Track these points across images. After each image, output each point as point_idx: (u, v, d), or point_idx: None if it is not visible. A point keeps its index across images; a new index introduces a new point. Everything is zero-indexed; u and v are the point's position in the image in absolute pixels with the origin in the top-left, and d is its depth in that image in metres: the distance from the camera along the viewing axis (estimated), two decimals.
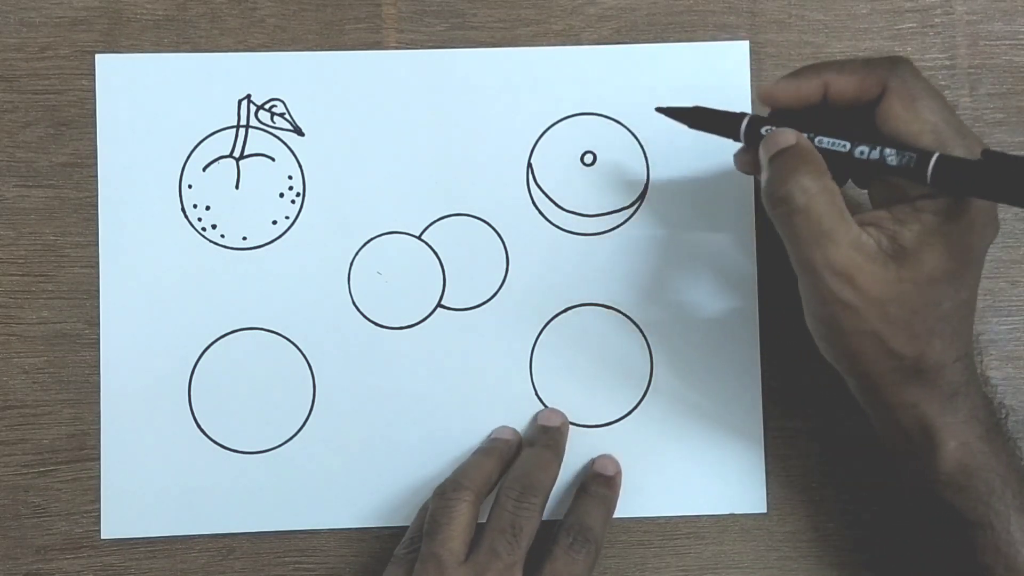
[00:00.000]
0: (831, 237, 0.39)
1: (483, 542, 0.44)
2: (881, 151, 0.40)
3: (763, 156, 0.42)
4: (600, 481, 0.49)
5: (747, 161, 0.45)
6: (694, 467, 0.51)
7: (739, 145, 0.45)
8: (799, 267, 0.41)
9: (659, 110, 0.47)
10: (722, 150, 0.47)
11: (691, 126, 0.46)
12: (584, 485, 0.49)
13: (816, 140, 0.42)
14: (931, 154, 0.39)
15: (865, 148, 0.41)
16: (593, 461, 0.50)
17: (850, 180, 0.46)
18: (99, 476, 0.50)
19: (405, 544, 0.46)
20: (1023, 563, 0.41)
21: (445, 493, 0.45)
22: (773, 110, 0.44)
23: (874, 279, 0.39)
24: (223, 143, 0.51)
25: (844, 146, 0.41)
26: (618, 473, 0.50)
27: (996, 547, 0.41)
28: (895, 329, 0.40)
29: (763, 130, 0.43)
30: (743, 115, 0.44)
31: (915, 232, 0.40)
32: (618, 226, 0.51)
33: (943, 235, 0.39)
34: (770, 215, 0.41)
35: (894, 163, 0.40)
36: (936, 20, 0.52)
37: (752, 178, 0.50)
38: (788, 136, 0.41)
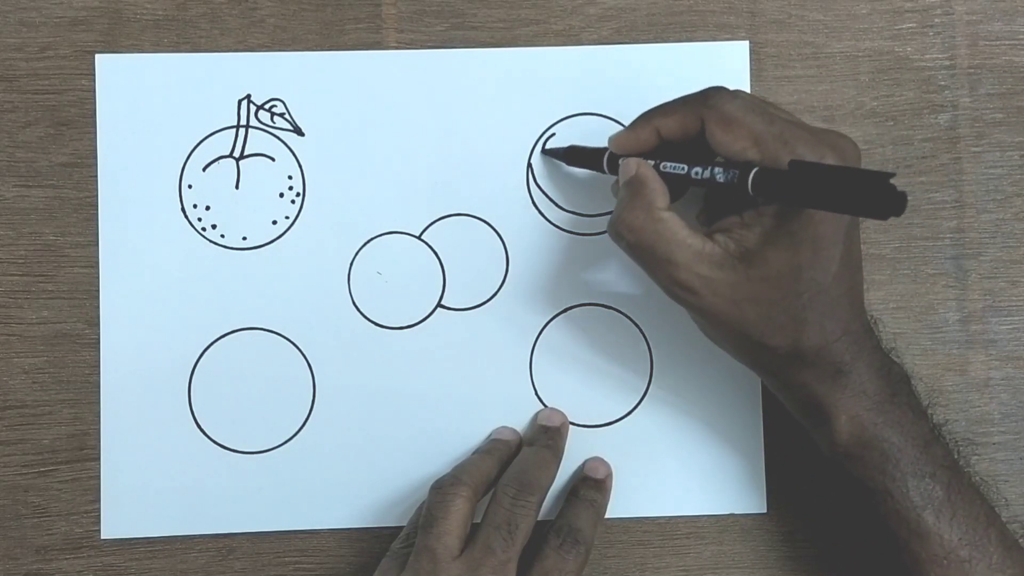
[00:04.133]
0: (668, 260, 0.43)
1: (478, 538, 0.44)
2: (712, 170, 0.43)
3: (620, 186, 0.45)
4: (590, 484, 0.49)
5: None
6: (694, 467, 0.51)
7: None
8: (657, 285, 0.44)
9: (544, 152, 0.51)
10: None
11: (568, 163, 0.50)
12: (574, 488, 0.49)
13: (661, 166, 0.44)
14: (750, 169, 0.41)
15: (699, 169, 0.43)
16: (584, 464, 0.50)
17: None
18: (99, 476, 0.50)
19: (401, 539, 0.46)
20: (926, 526, 0.43)
21: (442, 488, 0.45)
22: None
23: (721, 284, 0.42)
24: (223, 143, 0.51)
25: (682, 168, 0.44)
26: (608, 476, 0.50)
27: (897, 512, 0.43)
28: (758, 325, 0.42)
29: (619, 161, 0.46)
30: (605, 150, 0.47)
31: (757, 234, 0.42)
32: None
33: (785, 232, 0.41)
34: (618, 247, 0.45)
35: (722, 180, 0.42)
36: (936, 20, 0.52)
37: None
38: (631, 166, 0.45)
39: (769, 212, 0.42)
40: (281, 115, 0.51)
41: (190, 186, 0.51)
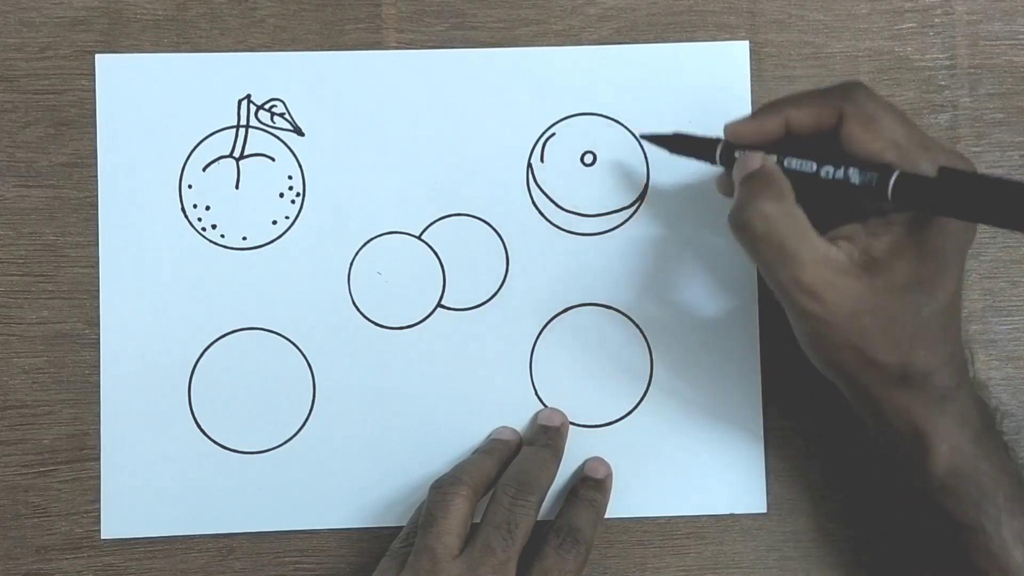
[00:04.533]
0: (795, 258, 0.40)
1: (478, 537, 0.44)
2: (846, 170, 0.41)
3: (735, 180, 0.43)
4: (590, 484, 0.49)
5: (727, 184, 0.46)
6: (694, 467, 0.51)
7: (719, 170, 0.46)
8: (771, 286, 0.42)
9: (643, 137, 0.49)
10: None
11: (672, 151, 0.47)
12: (574, 488, 0.49)
13: (785, 162, 0.42)
14: (891, 172, 0.40)
15: (830, 168, 0.41)
16: (584, 464, 0.50)
17: None
18: (99, 476, 0.50)
19: (401, 539, 0.46)
20: (1015, 566, 0.41)
21: (442, 487, 0.45)
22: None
23: (845, 292, 0.40)
24: (223, 143, 0.51)
25: (811, 167, 0.42)
26: (608, 476, 0.50)
27: (988, 549, 0.41)
28: (874, 340, 0.40)
29: (736, 154, 0.44)
30: (718, 140, 0.45)
31: (886, 243, 0.41)
32: (618, 226, 0.51)
33: (914, 244, 0.40)
34: (737, 240, 0.42)
35: (857, 182, 0.40)
36: (936, 20, 0.52)
37: None
38: (755, 160, 0.42)
39: (899, 221, 0.40)
40: (281, 115, 0.51)
41: (190, 186, 0.51)
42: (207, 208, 0.51)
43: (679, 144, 0.47)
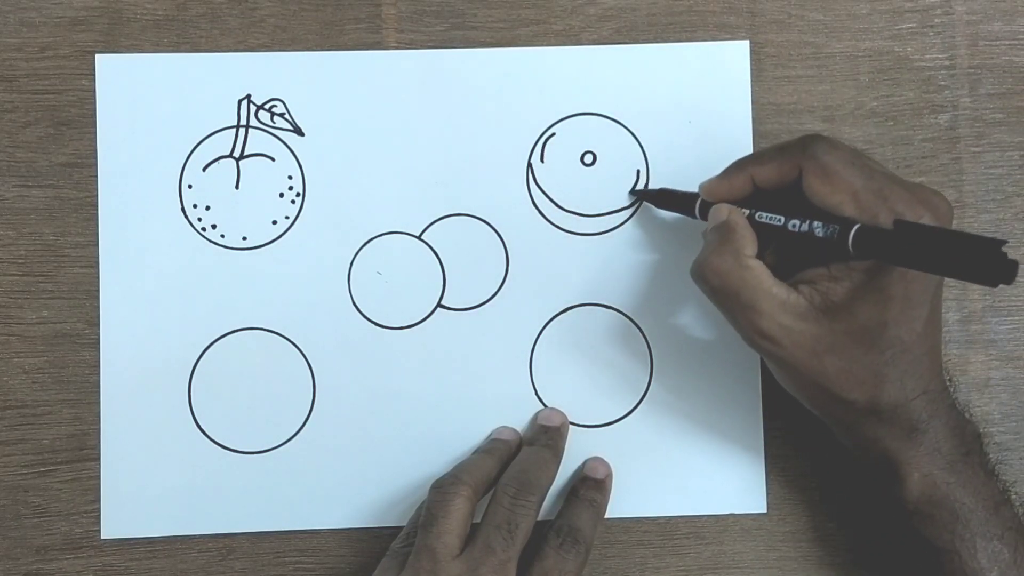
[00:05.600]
0: (752, 307, 0.42)
1: (478, 537, 0.44)
2: (810, 224, 0.42)
3: (706, 232, 0.45)
4: (590, 484, 0.49)
5: None
6: (694, 467, 0.51)
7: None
8: (736, 330, 0.44)
9: (631, 193, 0.51)
10: (721, 151, 0.47)
11: (658, 206, 0.50)
12: (574, 488, 0.49)
13: (756, 216, 0.44)
14: (851, 226, 0.41)
15: (797, 221, 0.43)
16: (584, 464, 0.50)
17: None
18: (99, 476, 0.50)
19: (401, 538, 0.47)
20: None
21: (442, 487, 0.45)
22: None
23: (803, 335, 0.42)
24: (223, 143, 0.51)
25: (779, 220, 0.43)
26: (608, 476, 0.50)
27: (964, 573, 0.43)
28: (838, 379, 0.42)
29: (712, 208, 0.46)
30: (697, 195, 0.47)
31: (846, 287, 0.42)
32: (618, 226, 0.51)
33: (875, 289, 0.41)
34: (700, 289, 0.44)
35: (821, 235, 0.42)
36: (936, 20, 0.52)
37: None
38: (721, 212, 0.45)
39: (860, 267, 0.41)
40: (281, 115, 0.51)
41: (190, 186, 0.51)
42: (207, 208, 0.51)
43: (664, 199, 0.50)
